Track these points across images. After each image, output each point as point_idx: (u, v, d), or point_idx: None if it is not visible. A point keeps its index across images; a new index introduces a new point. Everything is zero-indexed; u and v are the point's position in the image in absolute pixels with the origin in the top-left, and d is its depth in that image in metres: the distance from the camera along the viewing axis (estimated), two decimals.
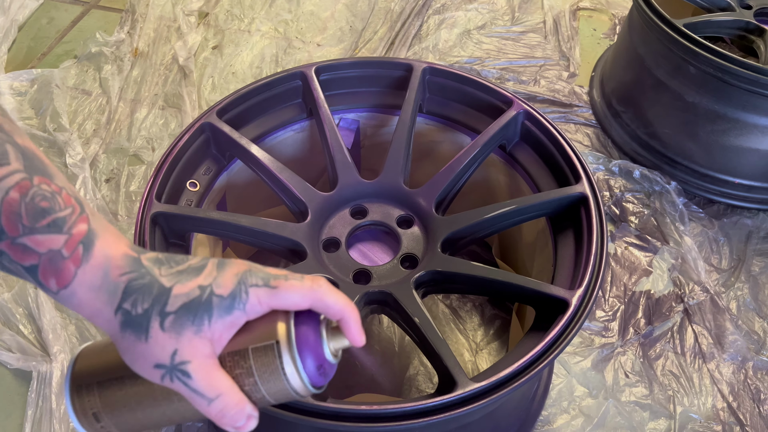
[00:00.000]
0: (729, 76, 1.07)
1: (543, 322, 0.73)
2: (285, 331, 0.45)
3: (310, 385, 0.47)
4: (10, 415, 0.93)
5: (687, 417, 0.94)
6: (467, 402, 0.64)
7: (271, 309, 0.45)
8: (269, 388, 0.46)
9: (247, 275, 0.44)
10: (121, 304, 0.42)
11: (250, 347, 0.45)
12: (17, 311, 1.02)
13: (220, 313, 0.43)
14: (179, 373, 0.42)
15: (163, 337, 0.42)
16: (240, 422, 0.45)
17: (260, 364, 0.45)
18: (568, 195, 0.80)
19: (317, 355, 0.46)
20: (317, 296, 0.45)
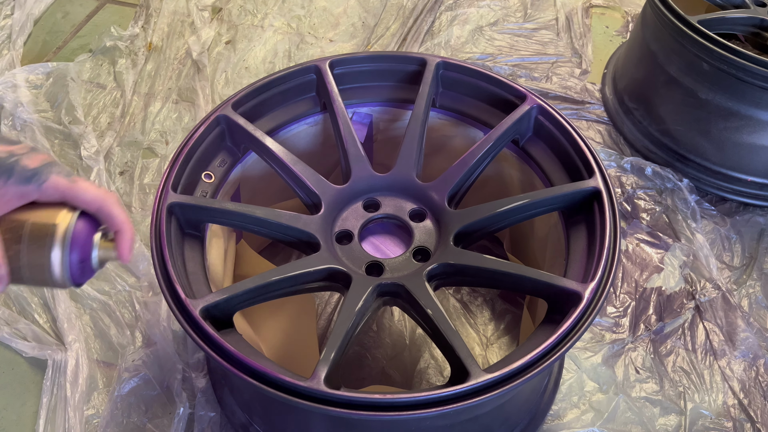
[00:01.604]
0: (743, 73, 1.07)
1: (555, 315, 0.74)
2: (67, 220, 0.50)
3: (68, 276, 0.51)
4: (26, 403, 0.94)
5: (698, 413, 0.94)
6: (480, 392, 0.64)
7: (62, 199, 0.51)
8: (30, 261, 0.50)
9: (54, 164, 0.51)
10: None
11: (31, 219, 0.50)
12: (32, 301, 1.03)
13: (18, 180, 0.49)
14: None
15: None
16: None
17: (33, 238, 0.50)
18: (581, 189, 0.80)
19: (84, 253, 0.52)
20: (106, 203, 0.52)
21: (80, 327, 1.00)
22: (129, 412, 0.92)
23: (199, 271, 0.78)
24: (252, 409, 0.87)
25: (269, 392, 0.64)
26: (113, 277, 1.06)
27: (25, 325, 1.00)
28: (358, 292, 0.75)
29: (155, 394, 0.93)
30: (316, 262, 0.78)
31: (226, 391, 0.91)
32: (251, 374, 0.65)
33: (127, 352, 0.98)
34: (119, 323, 1.01)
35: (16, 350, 0.98)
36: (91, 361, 0.97)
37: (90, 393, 0.94)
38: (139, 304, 1.03)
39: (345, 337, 0.70)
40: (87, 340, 0.99)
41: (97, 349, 0.99)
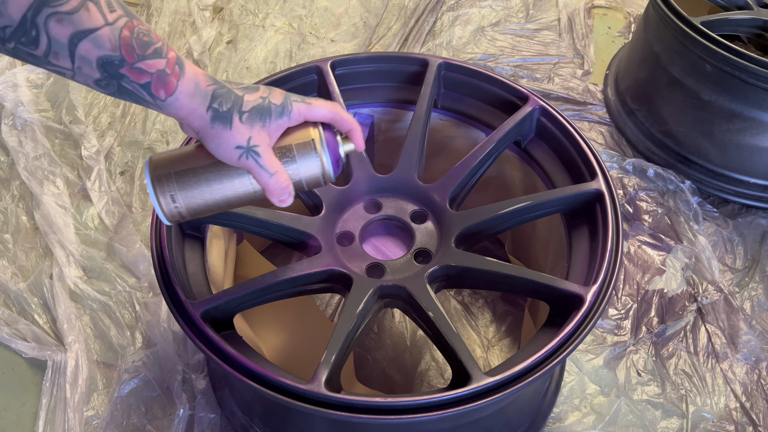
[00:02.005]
0: (746, 75, 1.06)
1: (557, 318, 0.73)
2: (318, 133, 0.64)
3: (332, 172, 0.65)
4: (25, 404, 0.94)
5: (699, 416, 0.94)
6: (481, 396, 0.64)
7: (305, 120, 0.63)
8: (305, 172, 0.64)
9: (290, 95, 0.63)
10: (211, 104, 0.58)
11: (293, 143, 0.63)
12: (32, 301, 1.03)
13: (275, 116, 0.61)
14: (252, 153, 0.60)
15: (241, 127, 0.59)
16: (284, 195, 0.63)
17: (301, 155, 0.63)
18: (583, 191, 0.79)
19: (335, 152, 0.65)
20: (337, 110, 0.65)
21: (80, 328, 1.00)
22: (129, 414, 0.91)
23: (199, 272, 0.78)
24: (252, 410, 0.87)
25: (269, 395, 0.64)
26: (113, 278, 1.06)
27: (25, 326, 1.00)
28: (359, 294, 0.74)
29: (155, 395, 0.93)
30: (317, 263, 0.77)
31: (226, 392, 0.91)
32: (251, 377, 0.65)
33: (127, 353, 0.97)
34: (119, 324, 1.01)
35: (15, 351, 0.98)
36: (90, 362, 0.97)
37: (90, 394, 0.94)
38: (140, 305, 1.02)
39: (346, 339, 0.70)
40: (87, 340, 0.99)
41: (97, 350, 0.99)
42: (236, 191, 0.63)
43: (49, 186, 1.18)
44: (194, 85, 0.57)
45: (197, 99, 0.57)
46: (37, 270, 1.07)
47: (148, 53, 0.54)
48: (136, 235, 1.10)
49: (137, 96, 0.55)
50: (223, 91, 0.59)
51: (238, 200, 0.64)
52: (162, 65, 0.54)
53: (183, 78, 0.56)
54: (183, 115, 0.58)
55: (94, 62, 0.51)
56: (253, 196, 0.64)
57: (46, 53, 0.50)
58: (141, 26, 0.54)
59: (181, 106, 0.57)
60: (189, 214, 0.64)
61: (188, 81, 0.56)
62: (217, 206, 0.64)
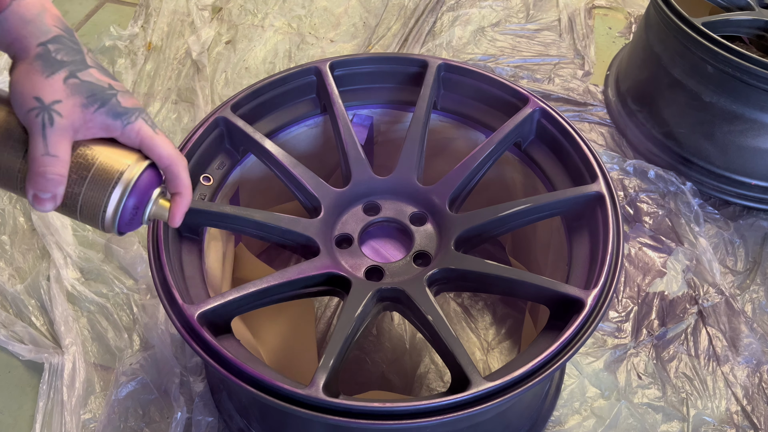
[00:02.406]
0: (748, 76, 1.06)
1: (557, 321, 0.73)
2: (139, 167, 0.52)
3: (117, 218, 0.52)
4: (22, 407, 0.93)
5: (700, 420, 0.93)
6: (481, 401, 0.63)
7: (139, 146, 0.53)
8: (90, 191, 0.51)
9: (144, 111, 0.53)
10: (46, 43, 0.48)
11: (106, 152, 0.51)
12: (29, 303, 1.03)
13: (108, 112, 0.50)
14: (47, 114, 0.47)
15: (59, 85, 0.48)
16: (46, 193, 0.49)
17: (101, 170, 0.50)
18: (584, 194, 0.79)
19: (140, 203, 0.53)
20: (177, 163, 0.54)
21: (77, 330, 0.99)
22: (126, 417, 0.91)
23: (196, 275, 0.77)
24: (250, 414, 0.86)
25: (266, 400, 0.63)
26: (111, 280, 1.05)
27: (21, 328, 0.99)
28: (357, 297, 0.74)
29: (153, 398, 0.92)
30: (316, 266, 0.77)
31: (224, 395, 0.90)
32: (248, 381, 0.64)
33: (124, 355, 0.97)
34: (117, 326, 1.00)
35: (12, 353, 0.97)
36: (88, 364, 0.96)
37: (87, 397, 0.93)
38: (137, 307, 1.02)
39: (344, 343, 0.69)
40: (84, 343, 0.98)
41: (94, 352, 0.98)
42: (3, 156, 0.50)
43: None
44: (36, 14, 0.48)
45: (31, 28, 0.48)
46: (35, 272, 1.06)
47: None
48: (134, 236, 1.10)
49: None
50: (69, 44, 0.49)
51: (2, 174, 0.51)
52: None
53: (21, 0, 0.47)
54: (9, 40, 0.48)
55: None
56: (13, 175, 0.50)
57: None
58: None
59: (10, 29, 0.47)
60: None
61: (29, 5, 0.48)
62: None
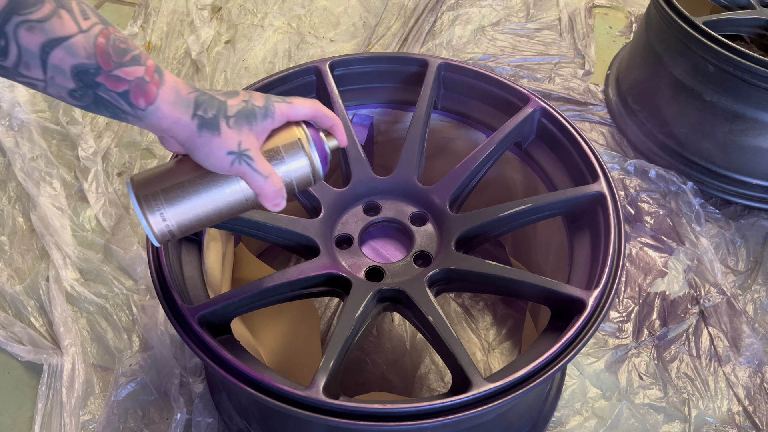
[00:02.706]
0: (749, 75, 1.05)
1: (558, 322, 0.72)
2: (303, 132, 0.63)
3: (321, 169, 0.64)
4: (21, 408, 0.93)
5: (702, 420, 0.93)
6: (482, 402, 0.63)
7: (288, 120, 0.62)
8: (295, 172, 0.63)
9: (270, 96, 0.62)
10: (195, 112, 0.56)
11: (280, 144, 0.62)
12: (29, 304, 1.02)
13: (260, 118, 0.60)
14: (245, 157, 0.58)
15: (230, 132, 0.58)
16: (278, 199, 0.61)
17: (289, 155, 0.62)
18: (585, 194, 0.79)
19: (322, 149, 0.64)
20: (318, 107, 0.64)
21: (77, 330, 0.99)
22: (126, 418, 0.90)
23: (196, 276, 0.77)
24: (250, 415, 0.86)
25: (266, 401, 0.63)
26: (110, 280, 1.05)
27: (21, 329, 0.99)
28: (357, 297, 0.73)
29: (152, 399, 0.92)
30: (315, 267, 0.76)
31: (223, 396, 0.90)
32: (248, 383, 0.64)
33: (124, 356, 0.96)
34: (116, 327, 1.00)
35: (11, 354, 0.97)
36: (87, 365, 0.96)
37: (86, 398, 0.93)
38: (137, 308, 1.01)
39: (344, 344, 0.69)
40: (83, 343, 0.98)
41: (93, 353, 0.98)
42: (227, 201, 0.62)
43: (45, 187, 1.17)
44: (175, 93, 0.55)
45: (180, 107, 0.55)
46: (34, 272, 1.06)
47: (126, 60, 0.52)
48: (133, 236, 1.09)
49: (115, 107, 0.53)
50: (205, 98, 0.57)
51: (230, 210, 0.63)
52: (141, 72, 0.53)
53: (163, 86, 0.54)
54: (166, 125, 0.55)
55: (69, 71, 0.50)
56: (245, 204, 0.63)
57: (16, 64, 0.48)
58: (117, 33, 0.52)
59: (163, 116, 0.54)
60: (180, 231, 0.62)
61: (168, 89, 0.54)
62: (208, 219, 0.62)
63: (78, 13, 0.49)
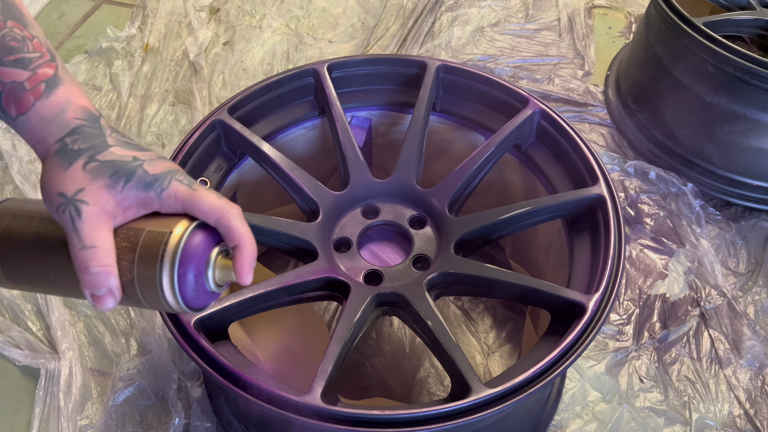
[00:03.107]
0: (749, 76, 1.05)
1: (558, 326, 0.72)
2: (182, 229, 0.46)
3: (178, 294, 0.46)
4: (18, 412, 0.92)
5: (703, 423, 0.92)
6: (481, 408, 0.63)
7: (183, 209, 0.47)
8: (141, 274, 0.45)
9: (177, 171, 0.48)
10: (63, 137, 0.46)
11: (147, 228, 0.46)
12: (26, 308, 1.02)
13: (138, 185, 0.46)
14: (73, 207, 0.45)
15: (79, 174, 0.45)
16: (101, 289, 0.45)
17: (145, 247, 0.45)
18: (585, 197, 0.78)
19: (198, 270, 0.46)
20: (226, 214, 0.47)
21: (74, 335, 0.98)
22: (123, 423, 0.90)
23: None
24: (248, 420, 0.86)
25: (264, 407, 0.63)
26: None
27: (18, 333, 0.98)
28: (356, 302, 0.73)
29: (150, 403, 0.92)
30: (314, 271, 0.76)
31: (222, 401, 0.90)
32: (245, 388, 0.64)
33: (121, 360, 0.96)
34: (114, 331, 0.99)
35: (8, 358, 0.96)
36: (85, 369, 0.95)
37: (84, 403, 0.92)
38: (134, 312, 1.01)
39: (343, 349, 0.69)
40: (81, 348, 0.98)
41: (91, 357, 0.97)
42: (48, 258, 0.48)
43: None
44: (58, 112, 0.46)
45: (52, 128, 0.46)
46: None
47: (7, 59, 0.45)
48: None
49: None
50: (89, 131, 0.47)
51: (55, 277, 0.48)
52: (21, 77, 0.45)
53: (45, 99, 0.46)
54: (32, 142, 0.47)
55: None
56: (67, 279, 0.47)
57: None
58: (17, 31, 0.45)
59: (32, 131, 0.46)
60: (8, 280, 0.50)
61: (51, 104, 0.46)
62: (33, 276, 0.49)
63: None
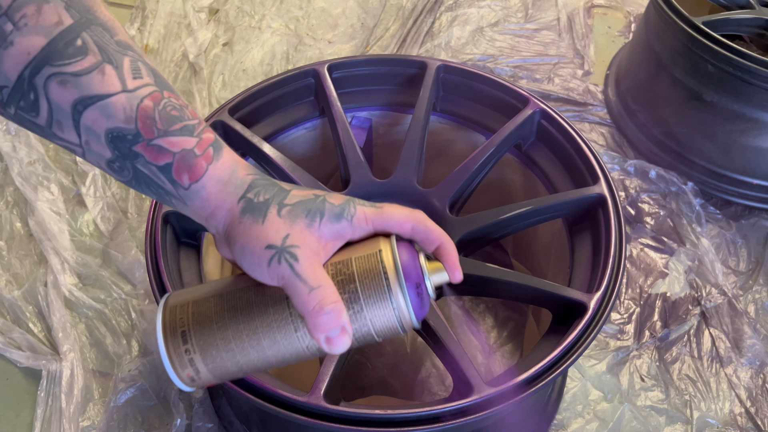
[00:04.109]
0: (749, 75, 1.05)
1: (559, 326, 0.72)
2: (389, 247, 0.45)
3: (412, 312, 0.45)
4: (20, 414, 0.92)
5: (704, 422, 0.92)
6: (483, 407, 0.63)
7: (374, 229, 0.47)
8: (369, 300, 0.44)
9: (355, 198, 0.48)
10: (245, 194, 0.46)
11: (353, 256, 0.45)
12: (27, 309, 1.02)
13: (330, 218, 0.46)
14: (288, 254, 0.43)
15: (278, 222, 0.45)
16: (334, 329, 0.43)
17: (363, 273, 0.44)
18: (585, 196, 0.78)
19: (417, 278, 0.45)
20: (418, 218, 0.48)
21: (75, 336, 0.98)
22: (125, 424, 0.90)
23: (195, 281, 0.76)
24: (250, 420, 0.86)
25: (265, 407, 0.63)
26: (109, 285, 1.04)
27: (19, 335, 0.98)
28: None
29: (152, 404, 0.92)
30: None
31: (224, 401, 0.90)
32: (246, 388, 0.64)
33: (123, 361, 0.96)
34: (115, 332, 0.99)
35: (10, 360, 0.96)
36: (86, 371, 0.95)
37: (85, 404, 0.92)
38: (136, 313, 1.01)
39: None
40: (82, 349, 0.98)
41: (92, 358, 0.97)
42: (271, 329, 0.44)
43: (43, 192, 1.16)
44: (230, 172, 0.46)
45: (229, 188, 0.45)
46: (32, 277, 1.05)
47: (174, 129, 0.44)
48: (131, 241, 1.09)
49: (156, 184, 0.44)
50: (263, 182, 0.47)
51: (277, 349, 0.45)
52: (190, 144, 0.44)
53: (216, 162, 0.45)
54: (209, 209, 0.46)
55: (103, 136, 0.42)
56: (296, 342, 0.44)
57: (49, 122, 0.42)
58: (173, 99, 0.44)
59: (208, 196, 0.45)
60: (213, 377, 0.46)
61: (223, 166, 0.45)
62: (249, 364, 0.45)
63: (128, 70, 0.42)
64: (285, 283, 0.43)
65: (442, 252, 0.48)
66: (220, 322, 0.45)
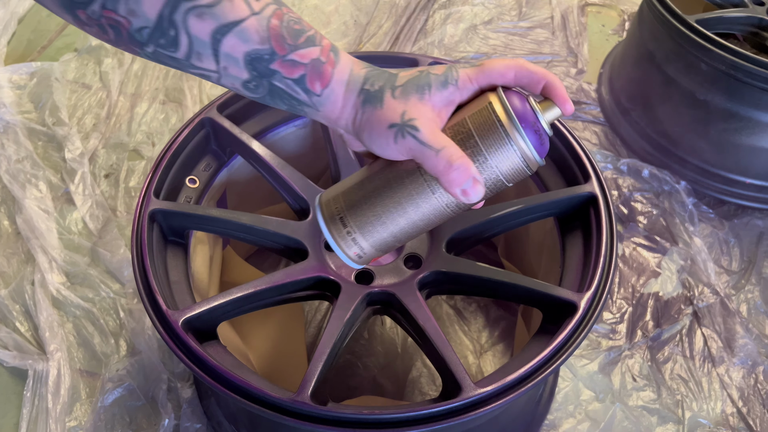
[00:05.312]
0: (742, 74, 1.05)
1: (550, 325, 0.71)
2: (497, 97, 0.49)
3: (533, 150, 0.49)
4: (6, 414, 0.91)
5: (696, 422, 0.92)
6: (472, 407, 0.62)
7: (479, 86, 0.51)
8: (491, 150, 0.49)
9: (455, 65, 0.52)
10: (362, 87, 0.50)
11: (466, 115, 0.50)
12: (14, 308, 1.01)
13: (438, 87, 0.50)
14: (408, 128, 0.48)
15: (393, 103, 0.49)
16: (467, 181, 0.48)
17: (479, 127, 0.49)
18: (577, 195, 0.78)
19: (531, 119, 0.49)
20: (519, 64, 0.51)
21: (63, 335, 0.97)
22: (113, 424, 0.89)
23: (182, 280, 0.76)
24: (239, 421, 0.85)
25: (252, 408, 0.62)
26: (97, 284, 1.03)
27: (5, 334, 0.97)
28: (346, 301, 0.72)
29: (140, 404, 0.91)
30: (304, 270, 0.75)
31: (212, 402, 0.89)
32: (233, 389, 0.63)
33: (111, 361, 0.95)
34: (103, 331, 0.98)
35: None
36: (73, 370, 0.94)
37: (72, 404, 0.91)
38: (124, 312, 1.00)
39: (333, 349, 0.68)
40: (69, 348, 0.96)
41: (80, 358, 0.96)
42: (412, 197, 0.51)
43: (31, 189, 1.15)
44: (349, 71, 0.50)
45: (351, 86, 0.50)
46: (19, 276, 1.04)
47: (301, 42, 0.47)
48: (120, 239, 1.08)
49: (290, 96, 0.49)
50: (375, 72, 0.51)
51: (421, 213, 0.52)
52: (316, 53, 0.48)
53: (338, 65, 0.49)
54: (338, 110, 0.50)
55: (241, 59, 0.46)
56: (435, 202, 0.51)
57: (188, 55, 0.45)
58: (290, 13, 0.48)
59: (336, 99, 0.50)
60: (376, 250, 0.54)
61: (343, 66, 0.50)
62: (401, 231, 0.53)
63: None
64: (413, 153, 0.49)
65: (550, 88, 0.51)
66: (368, 202, 0.52)
